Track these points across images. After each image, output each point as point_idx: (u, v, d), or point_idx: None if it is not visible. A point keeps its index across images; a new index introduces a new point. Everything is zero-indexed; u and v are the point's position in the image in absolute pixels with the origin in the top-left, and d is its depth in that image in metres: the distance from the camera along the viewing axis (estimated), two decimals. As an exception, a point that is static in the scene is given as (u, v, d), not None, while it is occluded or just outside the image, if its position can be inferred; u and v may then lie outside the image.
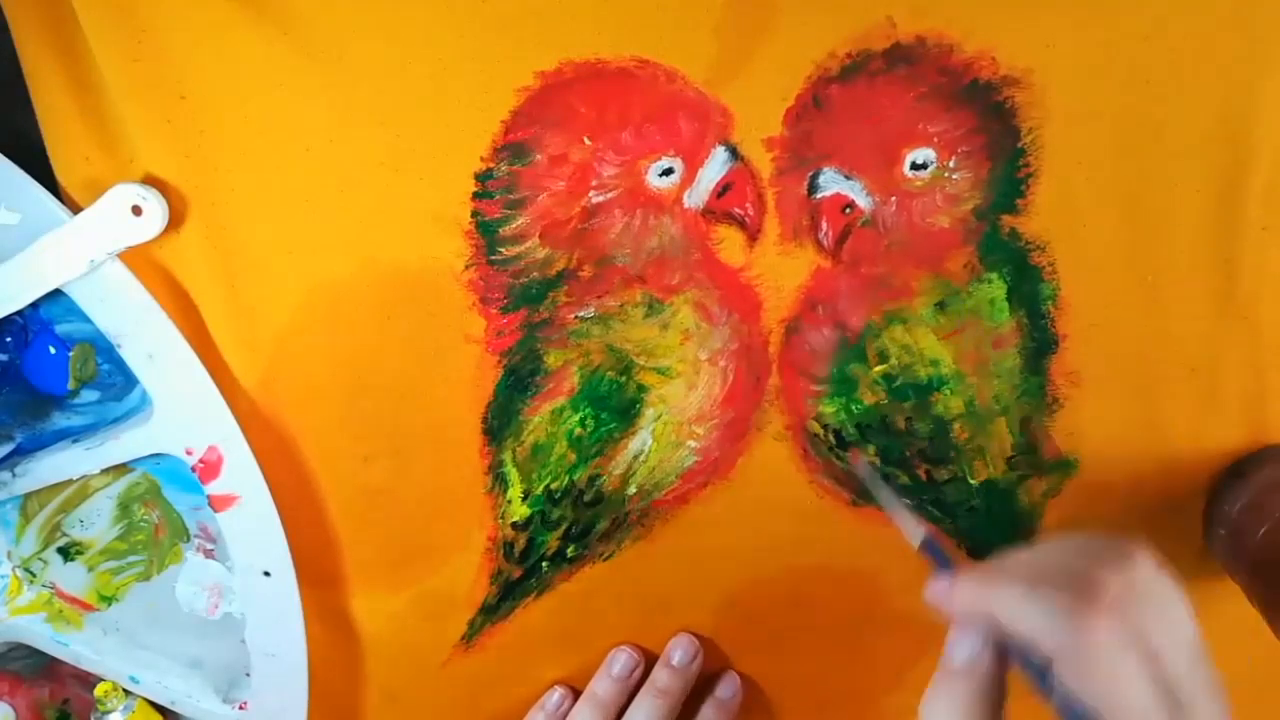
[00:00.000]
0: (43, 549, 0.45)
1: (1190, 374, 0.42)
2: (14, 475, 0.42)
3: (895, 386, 0.42)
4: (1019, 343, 0.41)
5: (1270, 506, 0.40)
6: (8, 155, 0.38)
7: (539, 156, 0.39)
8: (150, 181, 0.38)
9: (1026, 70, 0.38)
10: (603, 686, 0.45)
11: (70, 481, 0.43)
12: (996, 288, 0.41)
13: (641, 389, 0.42)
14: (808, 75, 0.38)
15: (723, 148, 0.39)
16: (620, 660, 0.45)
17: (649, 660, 0.46)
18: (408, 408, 0.42)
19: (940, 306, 0.41)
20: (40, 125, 0.39)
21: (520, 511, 0.44)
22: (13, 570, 0.45)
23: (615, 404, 0.42)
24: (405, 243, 0.39)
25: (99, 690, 0.45)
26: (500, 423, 0.42)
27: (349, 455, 0.42)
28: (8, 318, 0.40)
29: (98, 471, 0.42)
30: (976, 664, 0.31)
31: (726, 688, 0.46)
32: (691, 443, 0.43)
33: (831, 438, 0.43)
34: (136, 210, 0.37)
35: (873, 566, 0.45)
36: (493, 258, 0.40)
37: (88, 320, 0.40)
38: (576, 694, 0.46)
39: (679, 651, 0.45)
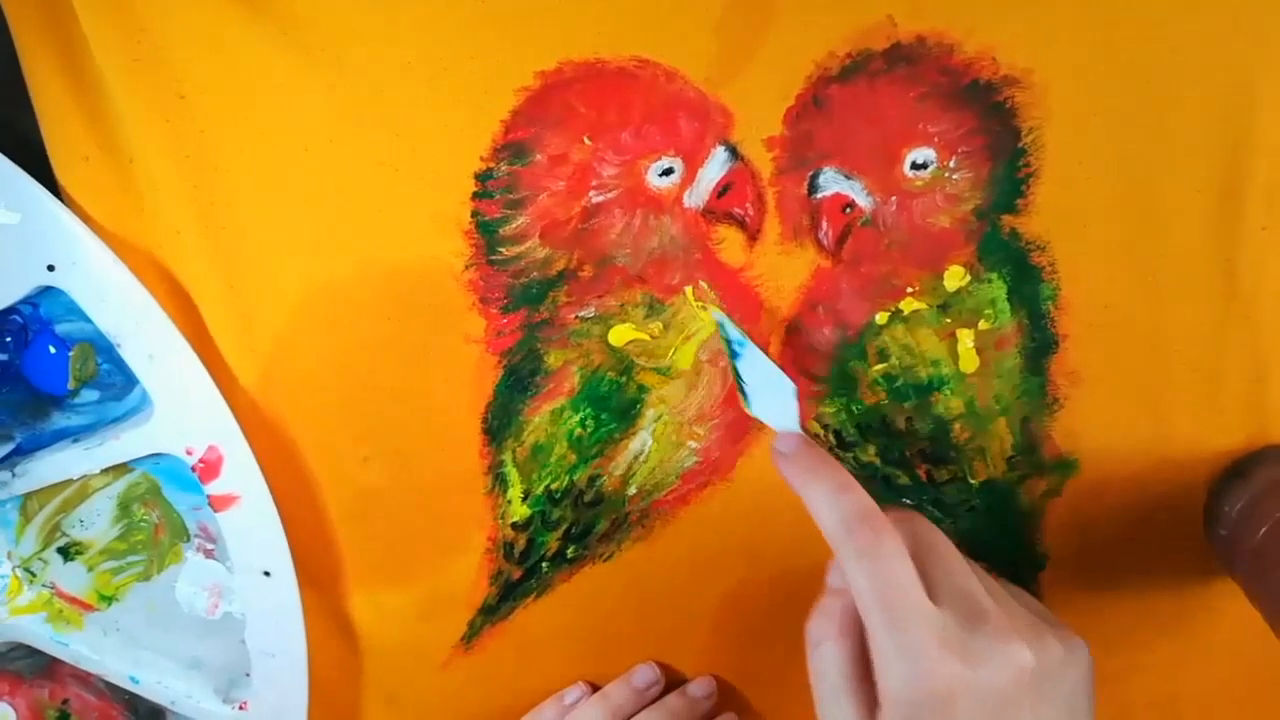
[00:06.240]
0: (43, 549, 0.45)
1: (1191, 373, 0.42)
2: (14, 475, 0.42)
3: (895, 386, 0.42)
4: (1019, 343, 0.41)
5: (1270, 506, 0.40)
6: (7, 155, 0.38)
7: (539, 156, 0.39)
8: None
9: (1027, 70, 0.38)
10: (618, 691, 0.45)
11: (70, 481, 0.43)
12: (997, 288, 0.41)
13: (642, 389, 0.42)
14: (808, 75, 0.38)
15: (723, 148, 0.39)
16: (642, 673, 0.45)
17: (670, 683, 0.46)
18: (407, 408, 0.42)
19: (941, 307, 0.41)
20: (40, 125, 0.39)
21: (520, 512, 0.44)
22: (13, 570, 0.45)
23: (615, 404, 0.42)
24: (405, 243, 0.39)
25: None
26: (500, 423, 0.42)
27: (349, 455, 0.42)
28: (8, 317, 0.40)
29: (98, 471, 0.42)
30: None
31: (699, 687, 0.46)
32: (692, 443, 0.43)
33: (831, 438, 0.43)
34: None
35: (873, 566, 0.45)
36: (493, 258, 0.40)
37: (88, 320, 0.40)
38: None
39: (700, 687, 0.46)
